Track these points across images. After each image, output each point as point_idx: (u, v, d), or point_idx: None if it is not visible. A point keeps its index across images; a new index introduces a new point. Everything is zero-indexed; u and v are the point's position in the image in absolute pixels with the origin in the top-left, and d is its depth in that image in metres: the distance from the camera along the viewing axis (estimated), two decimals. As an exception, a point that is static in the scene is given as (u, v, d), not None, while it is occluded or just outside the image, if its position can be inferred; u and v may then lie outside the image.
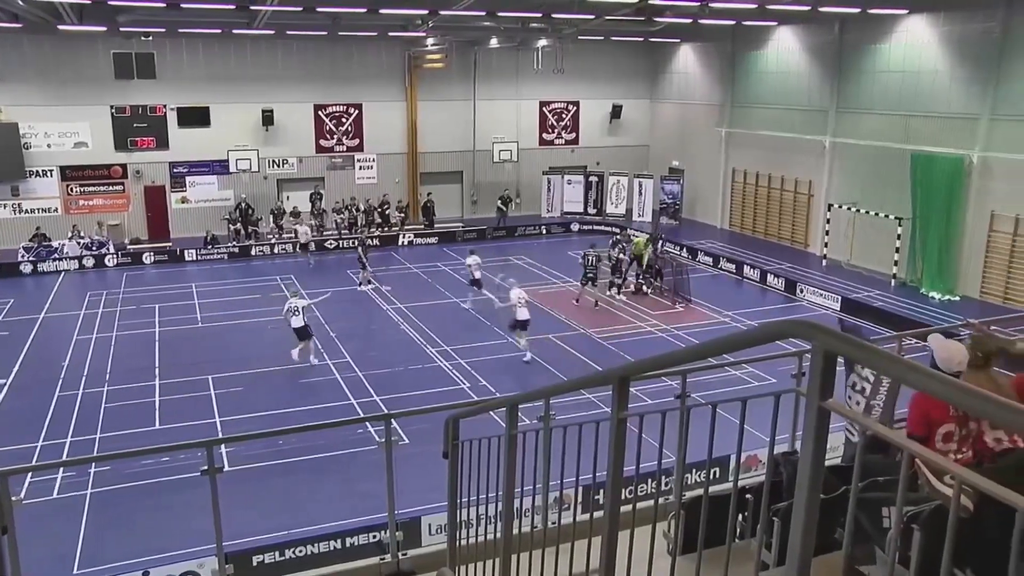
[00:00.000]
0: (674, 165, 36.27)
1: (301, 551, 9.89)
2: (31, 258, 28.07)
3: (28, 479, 11.91)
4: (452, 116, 35.03)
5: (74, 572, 10.76)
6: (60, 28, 25.23)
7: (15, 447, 13.99)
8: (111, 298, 24.53)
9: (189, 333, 21.18)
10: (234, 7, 23.14)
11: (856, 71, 27.16)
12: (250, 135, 32.39)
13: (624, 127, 38.01)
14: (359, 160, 34.53)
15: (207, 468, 5.09)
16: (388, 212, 33.24)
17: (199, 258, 29.49)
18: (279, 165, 33.38)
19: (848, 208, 26.96)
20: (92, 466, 13.19)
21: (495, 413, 4.96)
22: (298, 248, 29.90)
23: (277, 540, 10.21)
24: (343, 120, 33.97)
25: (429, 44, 32.37)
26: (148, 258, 29.23)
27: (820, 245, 28.50)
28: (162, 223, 32.13)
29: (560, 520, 3.67)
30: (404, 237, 32.26)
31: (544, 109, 37.11)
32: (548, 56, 33.61)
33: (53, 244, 28.81)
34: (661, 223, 34.26)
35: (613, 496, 2.91)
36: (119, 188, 31.54)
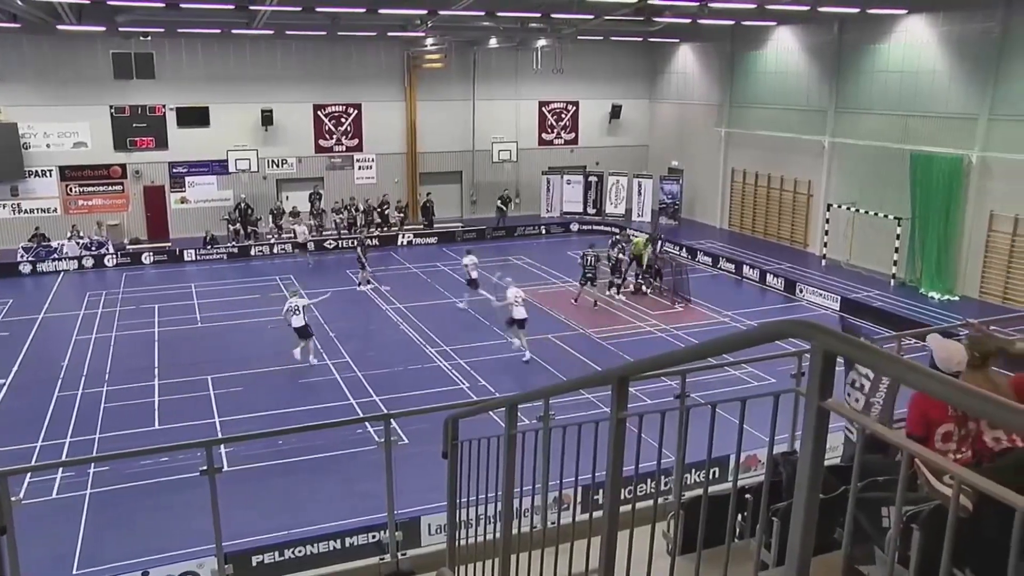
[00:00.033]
0: (673, 165, 36.28)
1: (300, 551, 9.89)
2: (30, 258, 28.05)
3: (27, 479, 11.90)
4: (451, 116, 35.03)
5: (73, 572, 10.76)
6: (59, 28, 25.21)
7: (14, 447, 13.99)
8: (110, 298, 24.52)
9: (188, 333, 21.18)
10: (233, 7, 23.12)
11: (855, 71, 27.18)
12: (249, 135, 32.38)
13: (623, 127, 38.02)
14: (358, 160, 34.52)
15: (206, 468, 5.09)
16: (387, 212, 33.24)
17: (198, 258, 29.48)
18: (278, 165, 33.38)
19: (847, 208, 26.97)
20: (91, 466, 13.18)
21: (494, 413, 4.95)
22: (296, 248, 29.93)
23: (277, 540, 10.21)
24: (342, 120, 33.97)
25: (428, 44, 32.36)
26: (147, 258, 29.21)
27: (819, 245, 28.52)
28: (161, 223, 32.12)
29: (559, 520, 3.66)
30: (403, 237, 32.27)
31: (543, 109, 37.11)
32: (547, 56, 33.63)
33: (52, 244, 28.81)
34: (660, 223, 34.26)
35: (612, 496, 2.91)
36: (118, 188, 31.54)
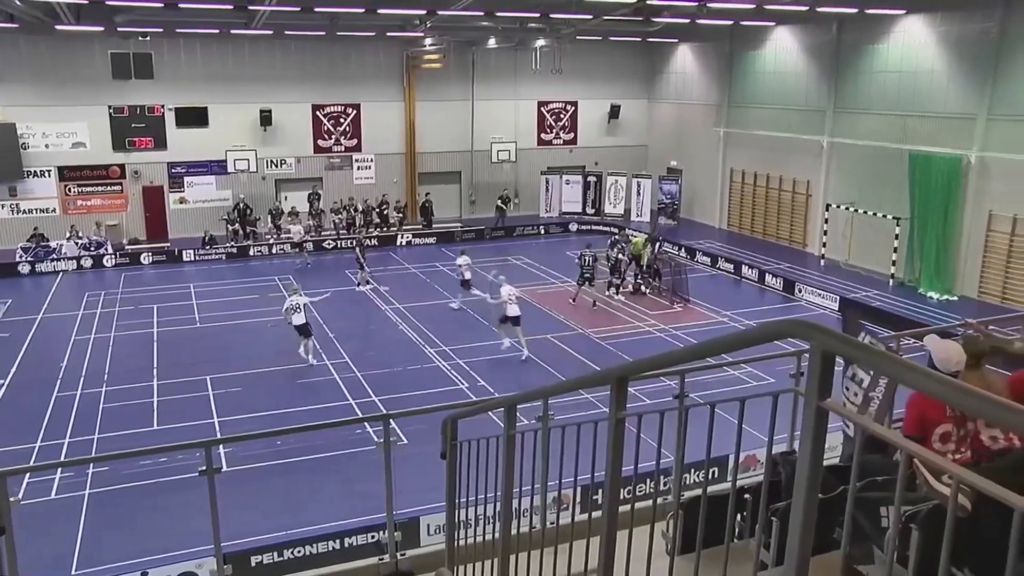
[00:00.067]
0: (672, 165, 36.29)
1: (300, 551, 9.89)
2: (29, 258, 28.04)
3: (26, 480, 11.88)
4: (450, 116, 35.03)
5: (72, 573, 10.75)
6: (57, 28, 25.17)
7: (13, 447, 13.98)
8: (109, 298, 24.51)
9: (187, 333, 21.17)
10: (232, 7, 23.09)
11: (854, 71, 27.19)
12: (248, 135, 32.36)
13: (622, 127, 38.02)
14: (357, 160, 34.51)
15: (205, 468, 5.09)
16: (387, 212, 33.23)
17: (197, 258, 29.45)
18: (277, 165, 33.36)
19: (846, 208, 26.99)
20: (90, 466, 13.19)
21: (493, 413, 4.95)
22: (294, 248, 29.79)
23: (276, 540, 10.21)
24: (341, 120, 33.96)
25: (427, 44, 32.36)
26: (146, 258, 29.19)
27: (818, 245, 28.53)
28: (160, 223, 32.11)
29: (559, 520, 3.67)
30: (402, 237, 32.26)
31: (542, 109, 37.11)
32: (546, 56, 33.63)
33: (51, 244, 28.79)
34: (659, 223, 34.27)
35: (611, 496, 2.91)
36: (117, 188, 31.52)
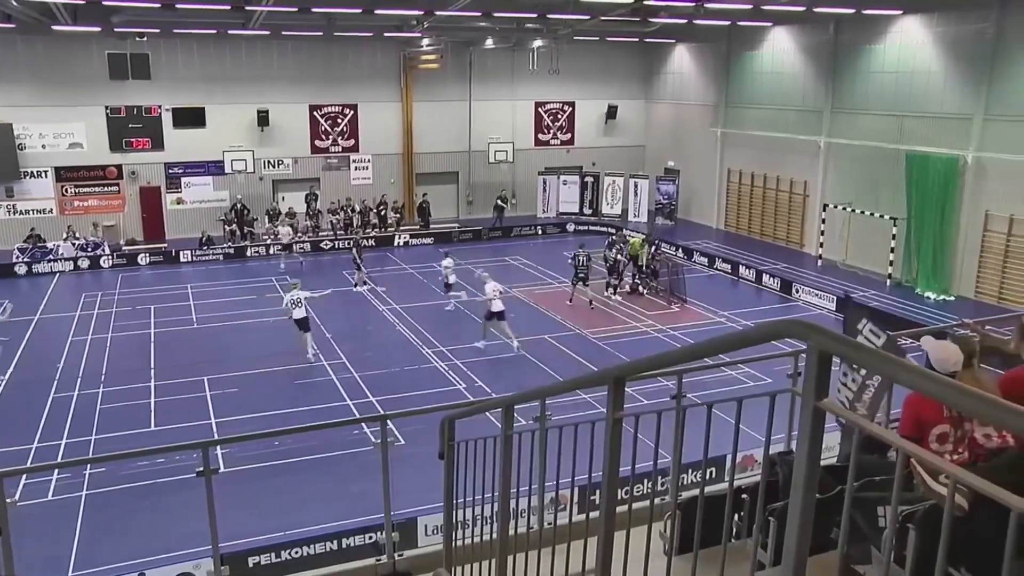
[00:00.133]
0: (669, 165, 36.31)
1: (297, 552, 9.89)
2: (26, 259, 28.00)
3: (23, 481, 11.87)
4: (447, 117, 35.02)
5: (69, 574, 10.74)
6: (54, 28, 25.13)
7: (10, 449, 13.96)
8: (106, 299, 24.47)
9: (185, 334, 21.14)
10: (229, 7, 23.06)
11: (851, 71, 27.23)
12: (245, 136, 32.33)
13: (619, 127, 38.03)
14: (354, 161, 34.49)
15: (203, 469, 5.08)
16: (385, 213, 33.21)
17: (194, 259, 29.40)
18: (274, 166, 33.34)
19: (843, 208, 27.01)
20: (87, 468, 13.17)
21: (491, 414, 4.96)
22: (284, 249, 29.17)
23: (273, 541, 10.19)
24: (338, 121, 33.94)
25: (424, 45, 32.33)
26: (143, 259, 29.13)
27: (815, 245, 28.55)
28: (157, 224, 32.06)
29: (556, 521, 3.67)
30: (400, 238, 32.25)
31: (540, 110, 37.11)
32: (543, 57, 33.63)
33: (48, 245, 28.74)
34: (657, 223, 34.28)
35: (609, 496, 2.91)
36: (114, 189, 31.48)
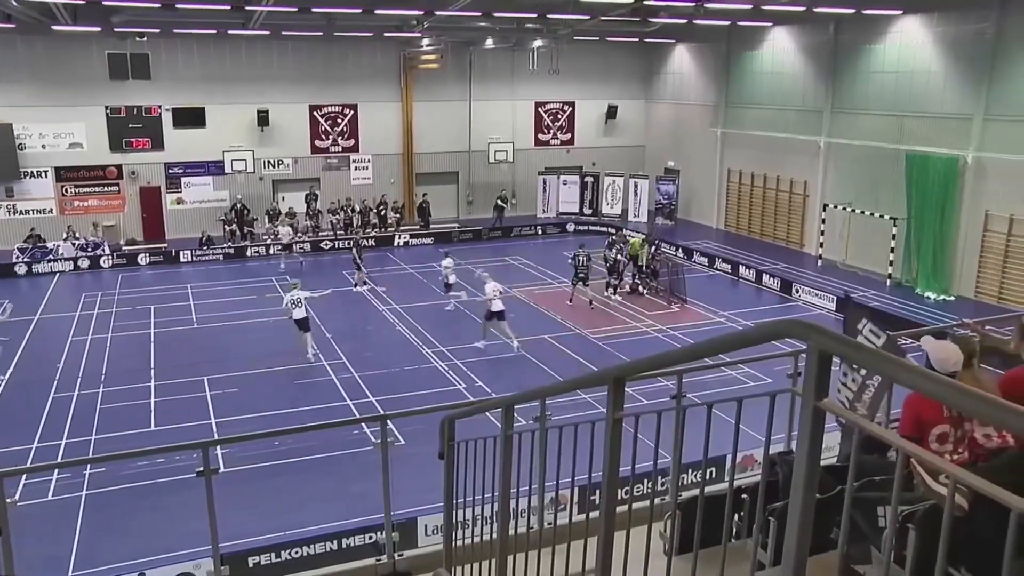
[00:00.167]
0: (669, 165, 36.30)
1: (297, 552, 9.88)
2: (26, 259, 28.00)
3: (23, 481, 11.87)
4: (447, 117, 35.02)
5: (69, 574, 10.73)
6: (54, 28, 25.12)
7: (10, 449, 13.96)
8: (106, 299, 24.47)
9: (185, 334, 21.14)
10: (229, 7, 23.06)
11: (851, 71, 27.23)
12: (245, 136, 32.33)
13: (619, 127, 38.03)
14: (354, 161, 34.49)
15: (203, 469, 5.08)
16: (385, 213, 33.20)
17: (194, 259, 29.40)
18: (274, 166, 33.33)
19: (843, 208, 27.01)
20: (87, 468, 13.17)
21: (491, 414, 4.96)
22: (283, 250, 29.08)
23: (273, 541, 10.19)
24: (338, 121, 33.94)
25: (424, 45, 32.32)
26: (143, 259, 29.12)
27: (815, 245, 28.55)
28: (157, 224, 32.06)
29: (556, 521, 3.66)
30: (400, 238, 32.25)
31: (540, 110, 37.11)
32: (543, 57, 33.62)
33: (48, 245, 28.74)
34: (657, 223, 34.28)
35: (609, 496, 2.91)
36: (114, 189, 31.48)
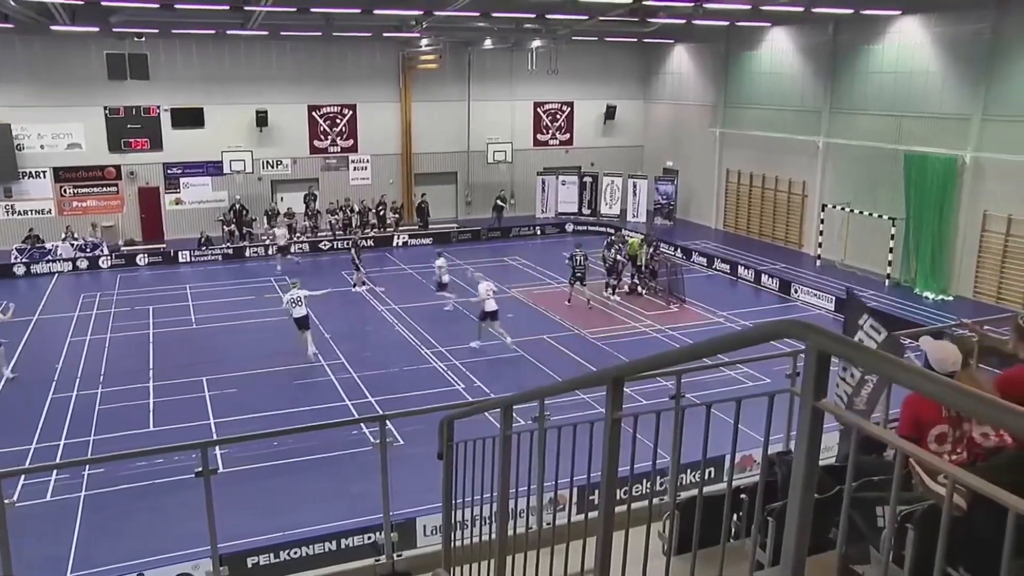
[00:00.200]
0: (668, 166, 36.32)
1: (296, 553, 9.88)
2: (24, 260, 27.98)
3: (21, 481, 11.86)
4: (446, 117, 35.02)
5: (68, 575, 10.73)
6: (52, 29, 25.10)
7: (9, 449, 13.95)
8: (105, 300, 24.45)
9: (183, 334, 21.13)
10: (228, 8, 23.05)
11: (849, 72, 27.24)
12: (244, 136, 32.31)
13: (618, 128, 38.04)
14: (353, 161, 34.49)
15: (201, 470, 5.07)
16: (383, 213, 33.19)
17: (193, 259, 29.38)
18: (273, 166, 33.32)
19: (842, 208, 27.03)
20: (86, 468, 13.16)
21: (490, 414, 4.96)
22: (277, 252, 28.91)
23: (272, 542, 10.19)
24: (337, 121, 33.93)
25: (423, 45, 32.32)
26: (142, 259, 29.12)
27: (814, 245, 28.56)
28: (156, 224, 32.04)
29: (555, 521, 3.67)
30: (398, 238, 32.25)
31: (538, 110, 37.12)
32: (542, 57, 33.62)
33: (46, 246, 28.72)
34: (655, 224, 34.29)
35: (608, 496, 2.91)
36: (113, 189, 31.46)
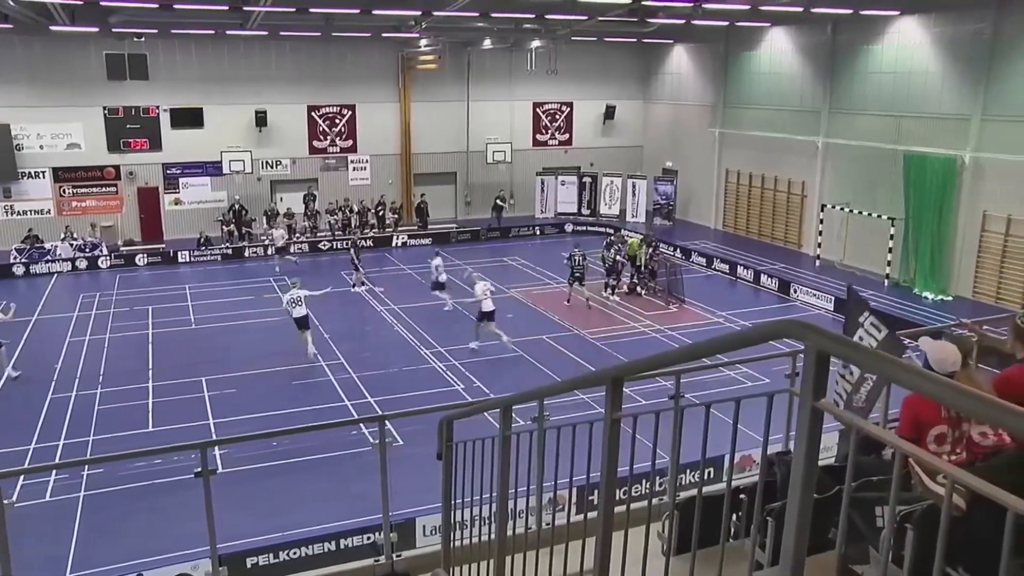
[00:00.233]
0: (668, 166, 36.33)
1: (295, 553, 9.88)
2: (23, 260, 27.97)
3: (21, 482, 11.85)
4: (445, 117, 35.02)
5: (67, 575, 10.72)
6: (52, 29, 25.09)
7: (8, 449, 13.95)
8: (104, 300, 24.45)
9: (183, 335, 21.12)
10: (227, 8, 23.04)
11: (849, 72, 27.25)
12: (243, 136, 32.30)
13: (617, 128, 38.05)
14: (353, 161, 34.49)
15: (201, 470, 5.07)
16: (383, 213, 33.19)
17: (192, 259, 29.38)
18: (272, 166, 33.32)
19: (841, 208, 27.03)
20: (85, 469, 13.15)
21: (489, 414, 4.96)
22: (278, 252, 28.71)
23: (271, 542, 10.19)
24: (336, 121, 33.93)
25: (422, 45, 32.32)
26: (141, 260, 29.11)
27: (813, 245, 28.56)
28: (155, 225, 32.03)
29: (554, 521, 3.66)
30: (398, 238, 32.25)
31: (537, 110, 37.13)
32: (541, 57, 33.62)
33: (46, 246, 28.71)
34: (655, 224, 34.30)
35: (607, 496, 2.91)
36: (112, 189, 31.45)
